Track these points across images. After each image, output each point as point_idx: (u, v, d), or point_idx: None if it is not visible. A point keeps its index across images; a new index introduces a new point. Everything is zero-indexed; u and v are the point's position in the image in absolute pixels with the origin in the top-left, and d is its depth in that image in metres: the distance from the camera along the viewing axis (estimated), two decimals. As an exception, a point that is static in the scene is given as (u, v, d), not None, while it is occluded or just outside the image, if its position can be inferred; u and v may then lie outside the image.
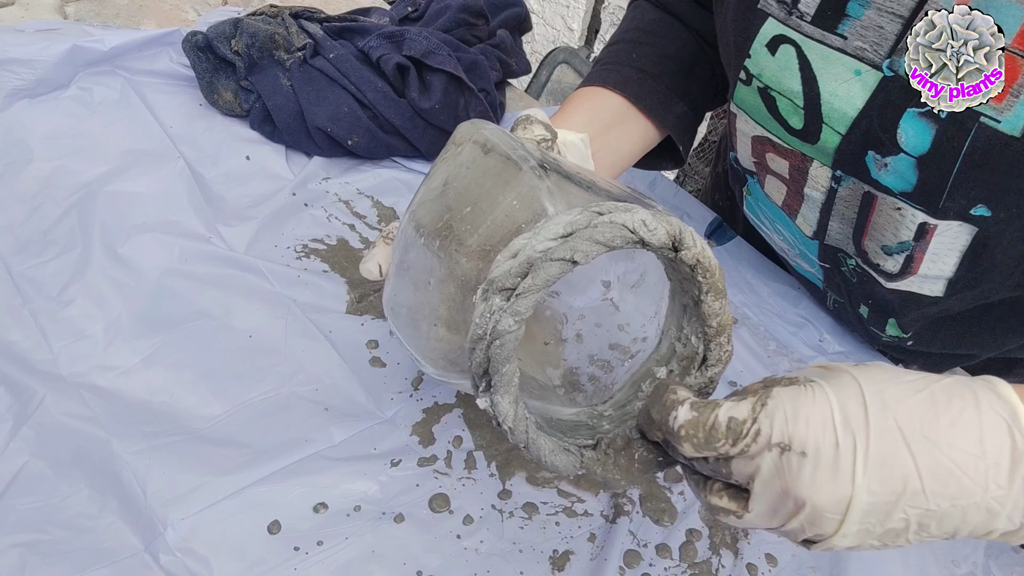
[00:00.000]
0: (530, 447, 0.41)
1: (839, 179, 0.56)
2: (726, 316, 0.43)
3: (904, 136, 0.49)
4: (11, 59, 0.74)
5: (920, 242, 0.54)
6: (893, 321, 0.64)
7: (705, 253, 0.40)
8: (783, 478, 0.34)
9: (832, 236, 0.61)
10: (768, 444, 0.34)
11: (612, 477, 0.43)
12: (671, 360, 0.46)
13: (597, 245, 0.38)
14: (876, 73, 0.50)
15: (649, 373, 0.47)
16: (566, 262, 0.38)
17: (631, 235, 0.38)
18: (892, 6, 0.48)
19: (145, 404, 0.56)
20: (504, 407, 0.39)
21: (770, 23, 0.54)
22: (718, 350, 0.44)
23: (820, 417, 0.33)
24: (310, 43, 0.79)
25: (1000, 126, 0.46)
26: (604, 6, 1.97)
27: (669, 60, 0.68)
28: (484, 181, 0.44)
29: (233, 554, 0.49)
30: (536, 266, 0.38)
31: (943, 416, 0.33)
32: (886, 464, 0.32)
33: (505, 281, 0.38)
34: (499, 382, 0.39)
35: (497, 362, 0.38)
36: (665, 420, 0.37)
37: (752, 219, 0.73)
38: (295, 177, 0.76)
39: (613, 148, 0.65)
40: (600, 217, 0.38)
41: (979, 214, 0.50)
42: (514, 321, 0.38)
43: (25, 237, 0.64)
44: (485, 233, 0.42)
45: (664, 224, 0.39)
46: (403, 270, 0.48)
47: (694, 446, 0.36)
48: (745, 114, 0.60)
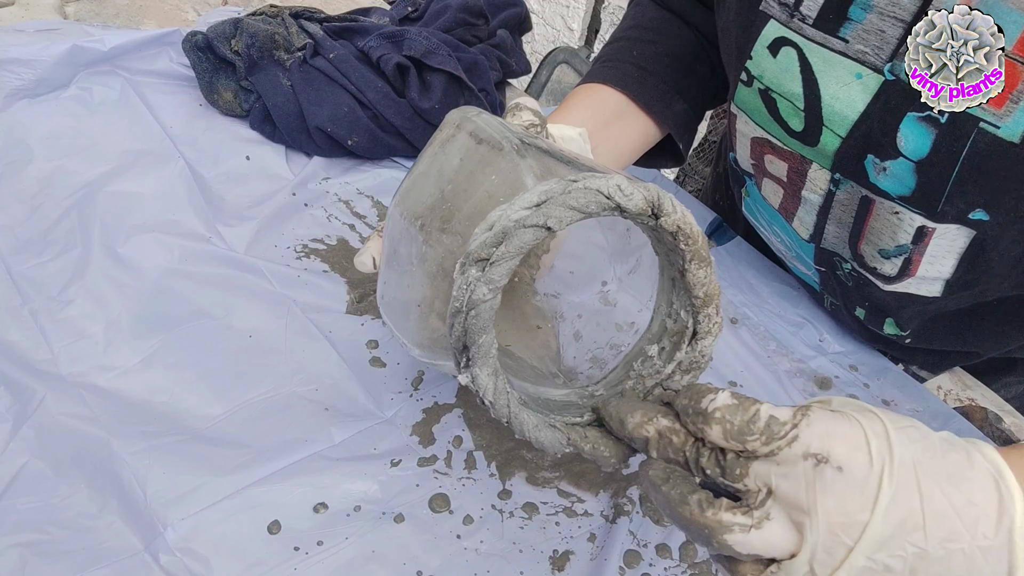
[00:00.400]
0: (512, 421, 0.40)
1: (837, 182, 0.56)
2: (712, 285, 0.42)
3: (904, 140, 0.49)
4: (11, 59, 0.74)
5: (918, 245, 0.54)
6: (891, 320, 0.64)
7: (686, 219, 0.40)
8: (811, 491, 0.33)
9: (828, 240, 0.61)
10: (805, 453, 0.34)
11: (601, 454, 0.42)
12: (662, 337, 0.45)
13: (571, 211, 0.37)
14: (877, 77, 0.50)
15: (641, 352, 0.46)
16: (539, 228, 0.37)
17: (606, 200, 0.38)
18: (894, 10, 0.48)
19: (145, 404, 0.56)
20: (483, 379, 0.39)
21: (772, 25, 0.54)
22: (706, 322, 0.43)
23: (855, 439, 0.34)
24: (310, 43, 0.79)
25: (999, 132, 0.46)
26: (604, 6, 1.97)
27: (670, 58, 0.68)
28: (467, 163, 0.44)
29: (233, 554, 0.49)
30: (509, 234, 0.37)
31: (943, 462, 0.34)
32: (898, 495, 0.33)
33: (481, 252, 0.37)
34: (477, 353, 0.38)
35: (474, 332, 0.38)
36: (697, 402, 0.36)
37: (751, 220, 0.73)
38: (295, 177, 0.76)
39: (612, 144, 0.65)
40: (574, 184, 0.38)
41: (977, 218, 0.50)
42: (488, 290, 0.37)
43: (25, 237, 0.64)
44: (467, 213, 0.42)
45: (641, 190, 0.38)
46: (391, 258, 0.48)
47: (724, 432, 0.35)
48: (745, 115, 0.60)
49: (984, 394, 0.70)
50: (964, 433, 0.64)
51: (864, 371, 0.69)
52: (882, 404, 0.66)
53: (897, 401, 0.67)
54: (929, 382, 0.70)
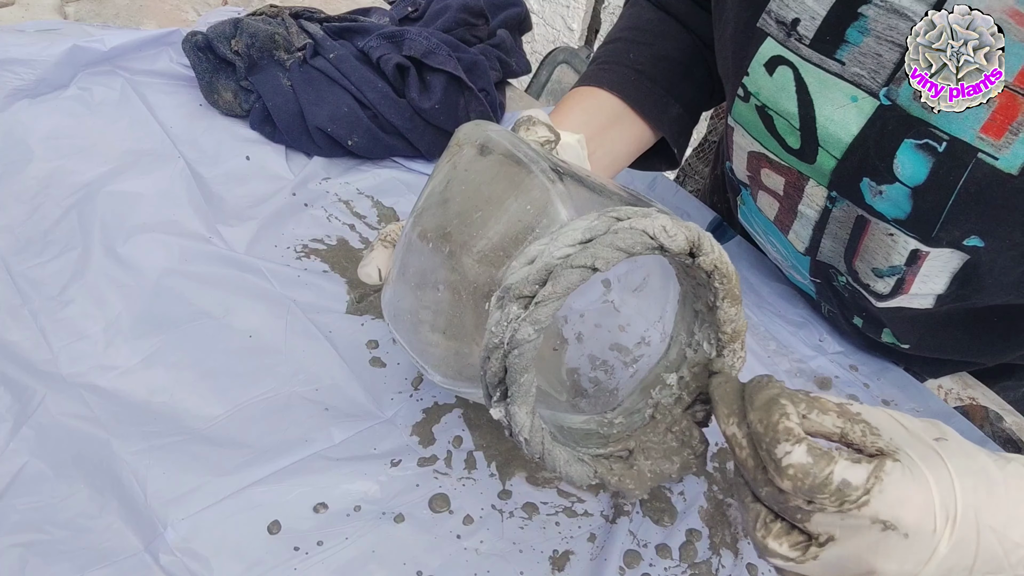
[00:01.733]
0: (545, 458, 0.40)
1: (834, 200, 0.55)
2: (741, 322, 0.43)
3: (900, 166, 0.49)
4: (11, 59, 0.74)
5: (911, 266, 0.54)
6: (888, 330, 0.64)
7: (723, 259, 0.40)
8: (874, 553, 0.34)
9: (824, 253, 0.61)
10: (874, 519, 0.34)
11: (626, 486, 0.42)
12: (681, 366, 0.46)
13: (618, 252, 0.37)
14: (873, 101, 0.49)
15: (659, 379, 0.46)
16: (586, 269, 0.37)
17: (651, 241, 0.38)
18: (891, 34, 0.48)
19: (145, 404, 0.56)
20: (521, 418, 0.38)
21: (769, 43, 0.53)
22: (731, 356, 0.43)
23: (923, 502, 0.34)
24: (310, 43, 0.79)
25: (998, 163, 0.45)
26: (604, 6, 1.97)
27: (665, 61, 0.68)
28: (493, 184, 0.43)
29: (233, 554, 0.49)
30: (556, 273, 0.37)
31: (1004, 500, 0.35)
32: (955, 549, 0.34)
33: (523, 288, 0.37)
34: (516, 392, 0.38)
35: (515, 372, 0.37)
36: (772, 448, 0.35)
37: (746, 227, 0.73)
38: (295, 177, 0.76)
39: (609, 149, 0.65)
40: (619, 223, 0.37)
41: (972, 244, 0.49)
42: (534, 330, 0.37)
43: (25, 237, 0.64)
44: (495, 238, 0.41)
45: (683, 230, 0.38)
46: (406, 275, 0.47)
47: (795, 488, 0.34)
48: (743, 129, 0.59)
49: (985, 393, 0.70)
50: (964, 434, 0.64)
51: (864, 371, 0.69)
52: (882, 404, 0.66)
53: (897, 401, 0.67)
54: (930, 382, 0.70)
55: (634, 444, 0.44)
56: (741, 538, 0.56)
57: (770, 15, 0.53)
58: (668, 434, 0.45)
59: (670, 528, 0.55)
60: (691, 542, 0.55)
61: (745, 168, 0.63)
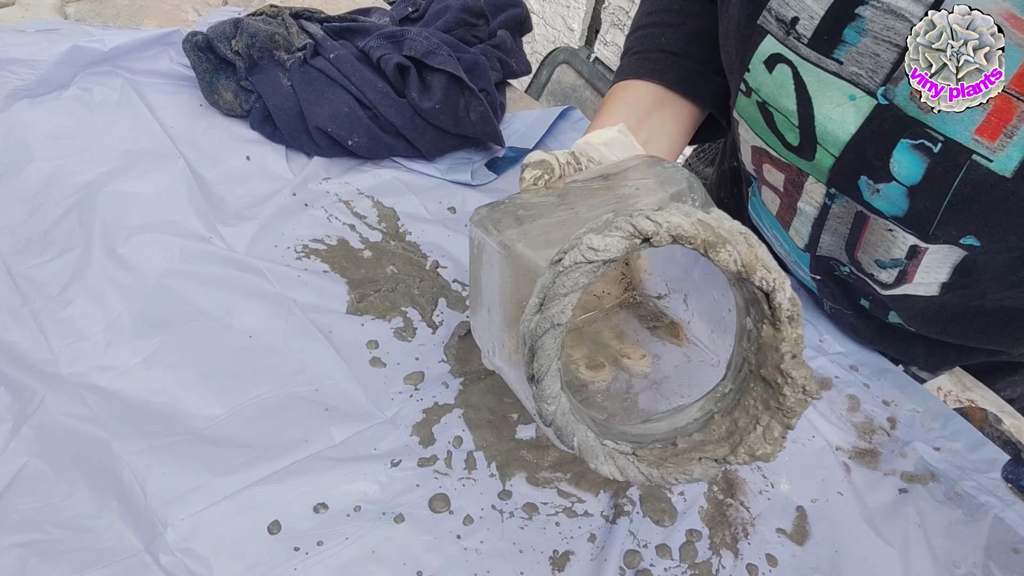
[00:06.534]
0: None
1: (833, 196, 0.56)
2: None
3: (897, 166, 0.49)
4: (11, 59, 0.74)
5: (912, 260, 0.54)
6: (894, 313, 0.65)
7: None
8: None
9: (824, 248, 0.61)
10: None
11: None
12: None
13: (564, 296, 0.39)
14: (870, 100, 0.49)
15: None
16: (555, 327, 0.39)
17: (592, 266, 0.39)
18: (888, 35, 0.48)
19: (145, 404, 0.56)
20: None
21: (768, 41, 0.53)
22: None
23: None
24: (310, 43, 0.79)
25: (992, 165, 0.45)
26: (604, 6, 1.97)
27: (698, 38, 0.67)
28: (520, 286, 0.44)
29: (233, 554, 0.49)
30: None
31: None
32: None
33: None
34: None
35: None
36: None
37: (755, 220, 0.73)
38: (295, 177, 0.76)
39: (662, 132, 0.65)
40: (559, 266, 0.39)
41: (968, 243, 0.50)
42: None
43: (25, 237, 0.64)
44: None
45: (624, 241, 0.39)
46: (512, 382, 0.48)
47: None
48: (746, 123, 0.60)
49: (984, 395, 0.70)
50: (964, 433, 0.64)
51: (864, 371, 0.69)
52: (882, 405, 0.66)
53: (897, 401, 0.67)
54: (929, 383, 0.70)
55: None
56: (741, 538, 0.56)
57: (770, 12, 0.53)
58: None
59: (670, 528, 0.55)
60: (691, 542, 0.55)
61: (751, 161, 0.63)
